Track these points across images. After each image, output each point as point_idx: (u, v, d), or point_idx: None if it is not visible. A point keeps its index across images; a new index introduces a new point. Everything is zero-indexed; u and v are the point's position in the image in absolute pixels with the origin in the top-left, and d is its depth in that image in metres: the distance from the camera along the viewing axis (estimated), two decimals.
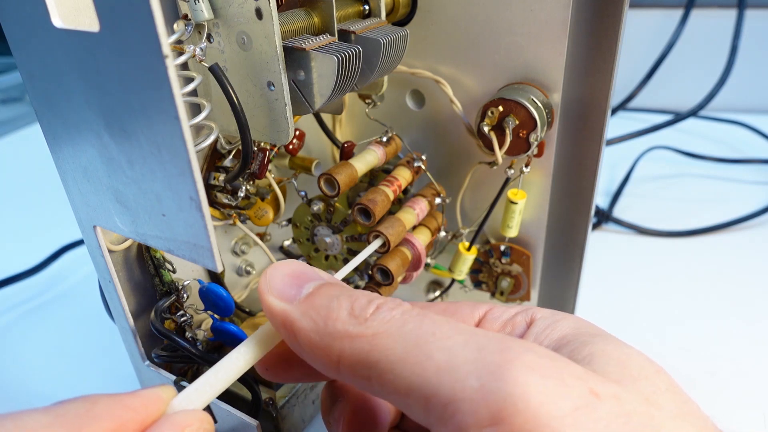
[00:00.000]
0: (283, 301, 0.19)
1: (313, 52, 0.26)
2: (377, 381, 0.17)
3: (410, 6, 0.34)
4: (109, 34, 0.18)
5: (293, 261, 0.21)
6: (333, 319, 0.18)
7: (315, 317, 0.18)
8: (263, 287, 0.20)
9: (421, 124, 0.39)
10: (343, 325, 0.18)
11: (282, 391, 0.34)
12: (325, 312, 0.18)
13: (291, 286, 0.20)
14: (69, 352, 0.46)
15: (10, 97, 1.04)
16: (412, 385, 0.16)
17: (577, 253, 0.38)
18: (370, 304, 0.18)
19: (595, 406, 0.15)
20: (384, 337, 0.17)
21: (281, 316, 0.19)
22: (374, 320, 0.18)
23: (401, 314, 0.18)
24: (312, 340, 0.18)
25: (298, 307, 0.19)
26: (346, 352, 0.17)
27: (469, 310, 0.23)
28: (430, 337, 0.17)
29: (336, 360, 0.18)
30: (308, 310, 0.19)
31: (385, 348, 0.17)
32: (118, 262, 0.29)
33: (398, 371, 0.16)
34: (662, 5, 0.85)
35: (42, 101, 0.22)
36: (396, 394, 0.17)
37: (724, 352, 0.43)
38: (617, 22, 0.30)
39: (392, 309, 0.18)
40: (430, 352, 0.16)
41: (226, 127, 0.28)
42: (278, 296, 0.19)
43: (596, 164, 0.34)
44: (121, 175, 0.21)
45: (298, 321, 0.19)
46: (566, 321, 0.21)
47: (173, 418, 0.17)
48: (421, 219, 0.35)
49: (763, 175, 0.69)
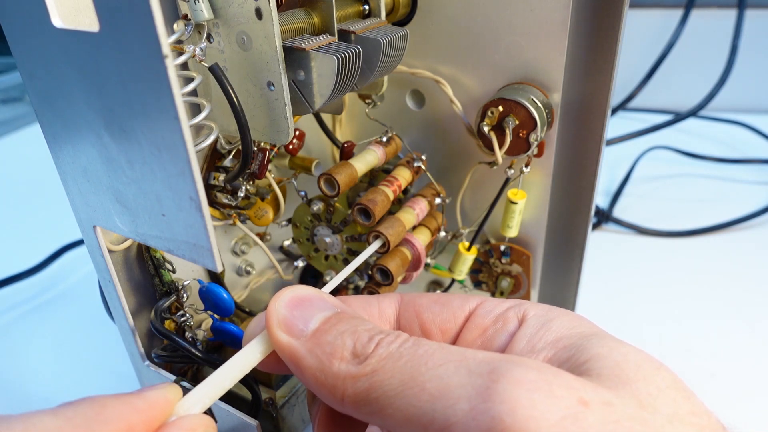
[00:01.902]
0: (290, 336, 0.20)
1: (313, 52, 0.26)
2: (378, 415, 0.18)
3: (410, 6, 0.34)
4: (109, 34, 0.18)
5: (300, 288, 0.21)
6: (338, 359, 0.19)
7: (321, 356, 0.19)
8: (271, 320, 0.20)
9: (421, 124, 0.39)
10: (346, 366, 0.19)
11: (282, 391, 0.34)
12: (330, 350, 0.19)
13: (299, 320, 0.20)
14: (69, 352, 0.46)
15: (10, 97, 1.04)
16: (410, 416, 0.17)
17: (577, 253, 0.38)
18: (371, 341, 0.19)
19: (583, 415, 0.15)
20: (381, 373, 0.18)
21: (288, 352, 0.20)
22: (373, 357, 0.18)
23: (397, 347, 0.19)
24: (318, 378, 0.19)
25: (305, 345, 0.20)
26: (348, 391, 0.18)
27: (460, 303, 0.24)
28: (423, 368, 0.17)
29: (340, 398, 0.19)
30: (314, 348, 0.19)
31: (383, 384, 0.18)
32: (118, 262, 0.29)
33: (397, 405, 0.17)
34: (662, 5, 0.85)
35: (42, 101, 0.22)
36: (397, 425, 0.17)
37: (724, 353, 0.43)
38: (617, 22, 0.30)
39: (390, 343, 0.19)
40: (423, 383, 0.17)
41: (226, 127, 0.28)
42: (286, 330, 0.20)
43: (596, 164, 0.34)
44: (121, 175, 0.21)
45: (305, 359, 0.19)
46: (560, 320, 0.21)
47: (180, 422, 0.18)
48: (421, 219, 0.35)
49: (763, 175, 0.69)
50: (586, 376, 0.17)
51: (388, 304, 0.25)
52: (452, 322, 0.23)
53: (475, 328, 0.23)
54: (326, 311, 0.20)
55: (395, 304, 0.25)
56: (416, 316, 0.24)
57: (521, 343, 0.21)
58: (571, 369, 0.18)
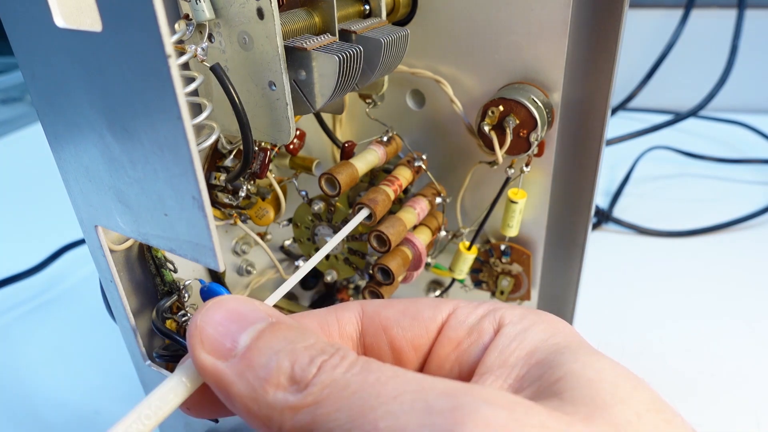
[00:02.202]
0: (216, 357, 0.17)
1: (314, 52, 0.26)
2: None
3: (410, 6, 0.35)
4: (112, 34, 0.18)
5: (230, 298, 0.19)
6: (273, 385, 0.16)
7: (253, 382, 0.16)
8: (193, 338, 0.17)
9: (421, 124, 0.39)
10: (283, 395, 0.16)
11: None
12: (264, 375, 0.16)
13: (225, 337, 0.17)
14: (69, 352, 0.46)
15: (10, 97, 1.04)
16: None
17: (577, 252, 0.38)
18: (312, 364, 0.16)
19: None
20: (326, 405, 0.16)
21: (214, 377, 0.17)
22: (315, 385, 0.16)
23: (343, 374, 0.16)
24: (250, 408, 0.16)
25: (234, 367, 0.17)
26: (287, 425, 0.16)
27: (431, 313, 0.21)
28: (374, 401, 0.15)
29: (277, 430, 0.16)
30: (245, 371, 0.17)
31: (328, 419, 0.15)
32: (120, 262, 0.29)
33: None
34: (662, 5, 0.85)
35: (44, 101, 0.22)
36: None
37: (724, 352, 0.43)
38: (617, 22, 0.30)
39: (335, 368, 0.16)
40: (375, 421, 0.15)
41: (228, 126, 0.28)
42: (210, 350, 0.17)
43: (596, 164, 0.34)
44: (123, 174, 0.21)
45: (235, 385, 0.17)
46: (536, 328, 0.19)
47: None
48: (421, 218, 0.35)
49: (763, 175, 0.69)
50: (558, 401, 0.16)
51: (349, 318, 0.22)
52: (424, 337, 0.21)
53: (449, 342, 0.21)
54: (259, 323, 0.18)
55: (356, 318, 0.22)
56: (384, 332, 0.21)
57: (493, 355, 0.19)
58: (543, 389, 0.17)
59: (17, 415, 0.40)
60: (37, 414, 0.39)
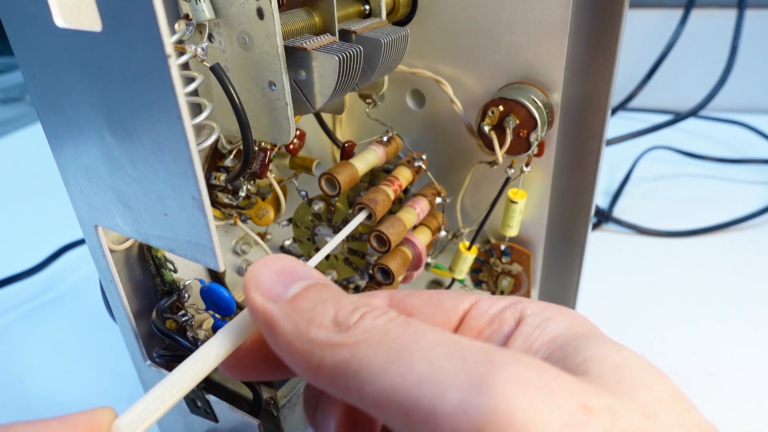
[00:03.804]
0: (267, 300, 0.19)
1: (314, 52, 0.26)
2: (357, 391, 0.16)
3: (410, 6, 0.35)
4: (112, 34, 0.18)
5: (283, 256, 0.20)
6: (316, 325, 0.17)
7: (298, 321, 0.18)
8: (249, 282, 0.19)
9: (421, 124, 0.39)
10: (325, 333, 0.17)
11: (283, 390, 0.34)
12: (309, 316, 0.18)
13: (278, 284, 0.19)
14: (69, 352, 0.46)
15: (10, 97, 1.04)
16: (392, 397, 0.15)
17: (577, 252, 0.38)
18: (354, 312, 0.18)
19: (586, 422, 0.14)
20: (365, 346, 0.17)
21: (264, 315, 0.18)
22: (357, 329, 0.17)
23: (385, 323, 0.17)
24: (293, 344, 0.18)
25: (282, 309, 0.18)
26: (326, 360, 0.17)
27: (454, 303, 0.22)
28: (413, 347, 0.16)
29: (315, 367, 0.17)
30: (292, 312, 0.18)
31: (365, 358, 0.16)
32: (120, 262, 0.29)
33: (378, 382, 0.16)
34: (662, 5, 0.85)
35: (44, 101, 0.22)
36: (375, 405, 0.16)
37: (724, 353, 0.43)
38: (617, 22, 0.30)
39: (376, 317, 0.17)
40: (411, 363, 0.16)
41: (228, 126, 0.28)
42: (263, 293, 0.19)
43: (596, 164, 0.34)
44: (123, 174, 0.21)
45: (281, 323, 0.18)
46: (558, 318, 0.20)
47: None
48: (421, 218, 0.35)
49: (763, 175, 0.69)
50: (585, 378, 0.16)
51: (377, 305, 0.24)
52: (446, 324, 0.22)
53: (470, 330, 0.22)
54: (308, 280, 0.19)
55: (385, 304, 0.23)
56: None
57: (517, 342, 0.20)
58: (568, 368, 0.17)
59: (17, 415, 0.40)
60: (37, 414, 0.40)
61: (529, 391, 0.15)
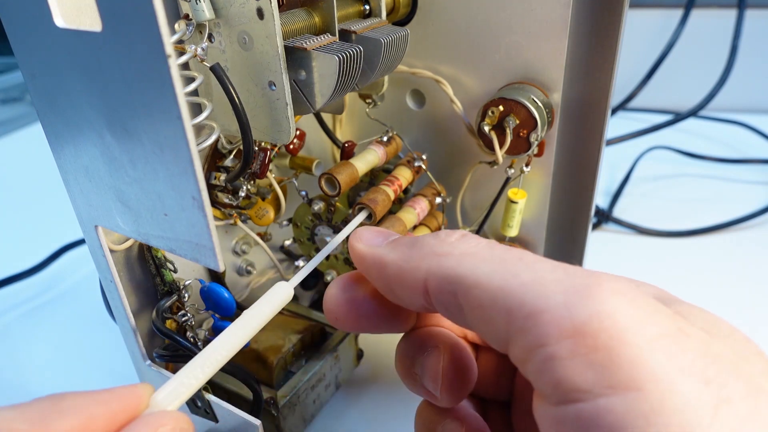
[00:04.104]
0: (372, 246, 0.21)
1: (314, 52, 0.26)
2: (462, 295, 0.17)
3: (410, 6, 0.35)
4: (112, 34, 0.18)
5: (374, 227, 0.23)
6: (420, 245, 0.19)
7: (403, 248, 0.20)
8: (353, 241, 0.21)
9: (421, 124, 0.39)
10: (430, 247, 0.19)
11: (283, 390, 0.34)
12: (412, 242, 0.20)
13: (377, 236, 0.21)
14: (69, 352, 0.46)
15: (10, 97, 1.04)
16: (496, 298, 0.16)
17: (577, 252, 0.38)
18: (454, 233, 0.19)
19: (683, 338, 0.15)
20: (471, 257, 0.18)
21: (371, 256, 0.20)
22: (461, 243, 0.19)
23: (488, 242, 0.19)
24: (401, 266, 0.19)
25: (387, 246, 0.20)
26: (433, 268, 0.18)
27: None
28: (518, 261, 0.17)
29: (423, 279, 0.18)
30: (395, 245, 0.20)
31: (472, 265, 0.17)
32: (120, 262, 0.29)
33: (484, 285, 0.17)
34: (662, 5, 0.85)
35: (44, 101, 0.22)
36: (480, 308, 0.17)
37: None
38: (617, 22, 0.30)
39: (479, 238, 0.19)
40: (517, 271, 0.17)
41: (227, 126, 0.28)
42: (367, 244, 0.21)
43: (596, 164, 0.34)
44: (123, 174, 0.21)
45: (388, 255, 0.20)
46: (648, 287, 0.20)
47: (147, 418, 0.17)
48: (421, 218, 0.35)
49: (763, 175, 0.69)
50: None
51: None
52: None
53: None
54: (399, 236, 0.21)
55: None
56: None
57: None
58: None
59: None
60: None
61: (631, 303, 0.15)
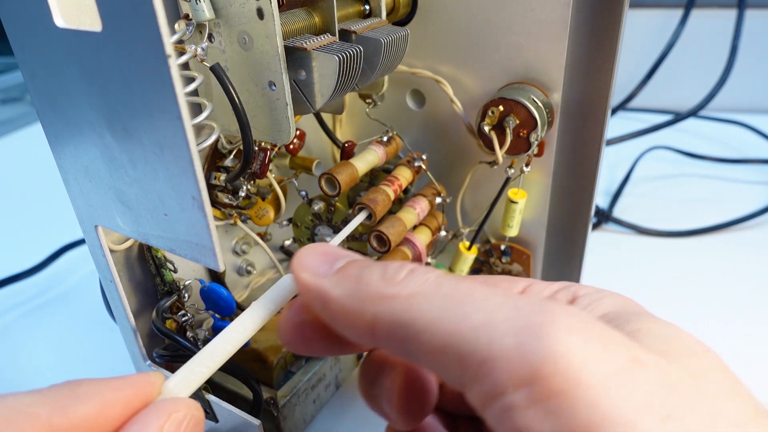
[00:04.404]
0: (316, 276, 0.19)
1: (314, 52, 0.26)
2: (413, 341, 0.17)
3: (410, 6, 0.35)
4: (112, 34, 0.18)
5: (323, 243, 0.21)
6: (365, 283, 0.18)
7: (348, 284, 0.18)
8: (296, 266, 0.20)
9: (421, 124, 0.39)
10: (376, 288, 0.18)
11: (283, 390, 0.34)
12: (357, 278, 0.18)
13: (323, 263, 0.20)
14: (69, 352, 0.46)
15: (10, 97, 1.04)
16: (448, 344, 0.16)
17: (577, 252, 0.38)
18: (402, 268, 0.18)
19: (638, 372, 0.15)
20: (420, 297, 0.17)
21: (315, 289, 0.19)
22: (409, 281, 0.18)
23: (436, 277, 0.18)
24: (346, 306, 0.18)
25: (331, 279, 0.19)
26: (380, 314, 0.17)
27: (508, 284, 0.23)
28: (467, 298, 0.16)
29: (371, 323, 0.18)
30: (341, 279, 0.19)
31: (420, 308, 0.17)
32: (120, 262, 0.29)
33: (434, 330, 0.16)
34: (662, 5, 0.85)
35: (44, 101, 0.22)
36: (432, 354, 0.16)
37: (724, 353, 0.43)
38: (617, 22, 0.30)
39: (426, 272, 0.18)
40: (467, 312, 0.16)
41: (227, 126, 0.28)
42: (311, 272, 0.20)
43: (596, 164, 0.34)
44: (123, 174, 0.21)
45: (332, 290, 0.19)
46: (611, 298, 0.20)
47: (161, 404, 0.18)
48: (421, 218, 0.35)
49: (763, 175, 0.69)
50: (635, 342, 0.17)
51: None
52: None
53: None
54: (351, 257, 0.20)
55: None
56: None
57: None
58: None
59: None
60: None
61: (583, 340, 0.15)
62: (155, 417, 0.17)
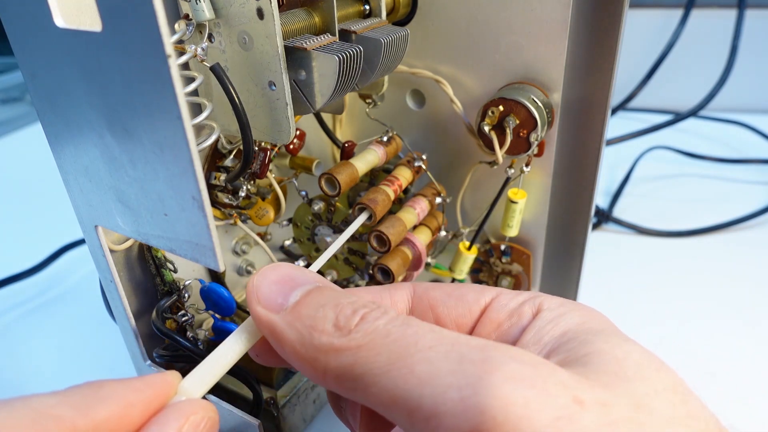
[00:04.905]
0: (269, 311, 0.19)
1: (314, 52, 0.26)
2: (362, 393, 0.17)
3: (410, 6, 0.35)
4: (112, 34, 0.18)
5: (281, 265, 0.21)
6: (318, 331, 0.18)
7: (301, 329, 0.18)
8: (250, 296, 0.20)
9: (421, 124, 0.39)
10: (328, 338, 0.18)
11: (283, 390, 0.34)
12: (311, 323, 0.18)
13: (278, 294, 0.20)
14: (69, 352, 0.46)
15: (10, 97, 1.04)
16: (395, 398, 0.16)
17: (577, 252, 0.38)
18: (355, 314, 0.18)
19: (578, 415, 0.15)
20: (367, 349, 0.17)
21: (268, 327, 0.19)
22: (358, 332, 0.18)
23: (385, 324, 0.18)
24: (298, 351, 0.18)
25: (285, 318, 0.19)
26: (331, 365, 0.18)
27: (475, 296, 0.23)
28: (412, 348, 0.17)
29: (322, 372, 0.18)
30: (294, 321, 0.19)
31: (368, 361, 0.17)
32: (120, 262, 0.29)
33: (382, 384, 0.17)
34: (662, 5, 0.85)
35: (44, 101, 0.22)
36: (381, 405, 0.17)
37: (724, 353, 0.43)
38: (617, 22, 0.30)
39: (377, 319, 0.18)
40: (411, 365, 0.16)
41: (227, 126, 0.28)
42: (265, 305, 0.19)
43: (596, 164, 0.34)
44: (123, 174, 0.21)
45: (285, 333, 0.19)
46: (573, 314, 0.20)
47: (179, 406, 0.18)
48: (421, 218, 0.35)
49: (763, 175, 0.69)
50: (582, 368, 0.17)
51: (401, 296, 0.24)
52: (467, 317, 0.23)
53: (490, 322, 0.22)
54: (308, 285, 0.20)
55: (408, 296, 0.24)
56: (430, 310, 0.23)
57: (529, 334, 0.20)
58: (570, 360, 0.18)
59: None
60: None
61: (523, 387, 0.15)
62: (174, 419, 0.17)
